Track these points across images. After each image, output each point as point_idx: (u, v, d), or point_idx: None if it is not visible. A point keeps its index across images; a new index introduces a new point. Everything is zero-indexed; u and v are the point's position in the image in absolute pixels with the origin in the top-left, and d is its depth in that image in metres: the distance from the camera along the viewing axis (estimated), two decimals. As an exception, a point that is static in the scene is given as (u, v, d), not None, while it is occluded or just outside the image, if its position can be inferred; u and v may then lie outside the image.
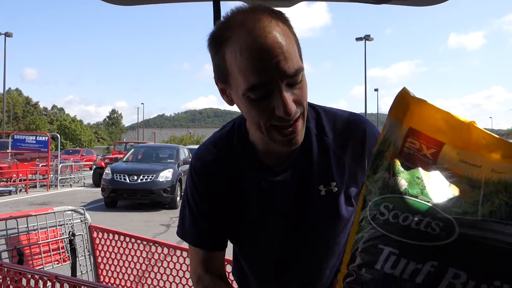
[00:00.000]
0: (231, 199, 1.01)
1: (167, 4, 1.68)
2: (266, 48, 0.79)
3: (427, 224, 0.69)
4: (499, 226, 0.66)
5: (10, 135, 17.21)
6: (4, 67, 29.11)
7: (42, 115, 79.39)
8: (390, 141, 0.78)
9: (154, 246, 2.18)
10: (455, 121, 0.74)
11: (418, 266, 0.67)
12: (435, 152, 0.74)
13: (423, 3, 1.61)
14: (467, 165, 0.72)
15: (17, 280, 1.43)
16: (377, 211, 0.73)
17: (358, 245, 0.74)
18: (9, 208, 9.46)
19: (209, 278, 1.05)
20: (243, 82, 0.82)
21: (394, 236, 0.70)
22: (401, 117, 0.77)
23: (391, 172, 0.75)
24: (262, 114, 0.84)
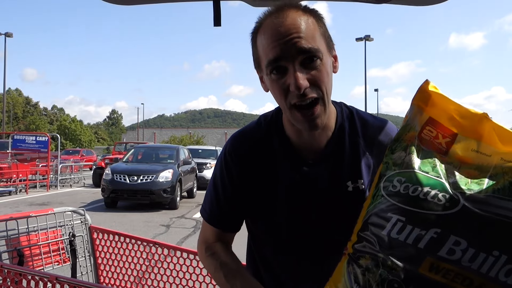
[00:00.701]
0: (262, 186, 1.06)
1: (167, 4, 1.68)
2: (283, 27, 0.90)
3: (434, 195, 0.73)
4: (501, 201, 0.70)
5: (10, 135, 17.19)
6: (4, 67, 29.12)
7: (42, 115, 79.39)
8: (411, 126, 0.85)
9: (154, 247, 2.18)
10: (468, 114, 0.80)
11: (422, 233, 0.72)
12: (449, 142, 0.80)
13: (423, 2, 1.60)
14: (478, 154, 0.77)
15: (17, 281, 1.42)
16: (391, 184, 0.79)
17: (370, 215, 0.80)
18: (9, 209, 9.45)
19: (219, 245, 1.10)
20: (265, 58, 0.93)
21: (402, 205, 0.75)
22: (423, 106, 0.84)
23: (407, 151, 0.81)
24: (281, 92, 0.92)
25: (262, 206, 1.07)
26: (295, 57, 0.89)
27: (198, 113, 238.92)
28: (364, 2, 1.55)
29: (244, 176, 1.06)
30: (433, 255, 0.70)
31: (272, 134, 1.07)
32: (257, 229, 1.13)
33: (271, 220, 1.07)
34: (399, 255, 0.73)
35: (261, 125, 1.10)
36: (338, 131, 1.04)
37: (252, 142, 1.08)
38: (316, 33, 0.92)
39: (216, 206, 1.10)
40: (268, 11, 0.96)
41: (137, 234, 2.38)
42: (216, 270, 1.05)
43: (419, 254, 0.71)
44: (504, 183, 0.72)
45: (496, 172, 0.74)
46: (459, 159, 0.78)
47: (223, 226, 1.12)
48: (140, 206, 10.08)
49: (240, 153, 1.07)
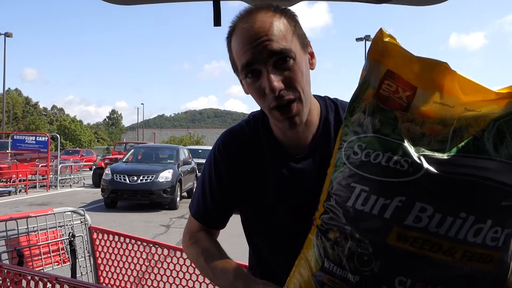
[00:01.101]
0: (251, 184, 1.07)
1: (167, 4, 1.67)
2: (252, 30, 0.90)
3: (396, 161, 0.70)
4: (465, 160, 0.68)
5: (9, 135, 17.19)
6: (4, 67, 29.12)
7: (42, 116, 79.38)
8: (368, 82, 0.79)
9: (154, 247, 2.18)
10: (428, 64, 0.75)
11: (386, 202, 0.70)
12: (410, 95, 0.75)
13: (424, 2, 1.60)
14: (440, 106, 0.73)
15: (17, 282, 1.42)
16: (351, 150, 0.76)
17: (333, 185, 0.77)
18: (9, 209, 9.45)
19: (203, 233, 1.13)
20: (239, 63, 0.93)
21: (365, 174, 0.72)
22: (379, 58, 0.78)
23: (366, 112, 0.76)
24: (258, 95, 0.93)
25: (252, 204, 1.09)
26: (267, 59, 0.89)
27: (198, 113, 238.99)
28: (364, 2, 1.55)
29: (233, 174, 1.08)
30: (399, 225, 0.68)
31: (260, 133, 1.08)
32: (250, 225, 1.15)
33: (262, 218, 1.08)
34: (366, 227, 0.71)
35: (250, 124, 1.11)
36: (323, 125, 1.05)
37: (242, 141, 1.09)
38: (287, 33, 0.91)
39: (203, 204, 1.12)
40: (239, 15, 0.96)
41: (137, 234, 2.38)
42: (197, 256, 1.07)
43: (386, 224, 0.69)
44: (468, 139, 0.69)
45: (460, 124, 0.71)
46: (421, 114, 0.74)
47: (208, 223, 1.14)
48: (140, 206, 10.08)
49: (230, 152, 1.09)
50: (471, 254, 0.68)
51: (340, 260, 0.74)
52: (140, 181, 9.70)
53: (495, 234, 0.68)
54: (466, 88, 0.73)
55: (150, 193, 9.66)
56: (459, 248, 0.68)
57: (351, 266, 0.72)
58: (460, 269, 0.69)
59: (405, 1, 1.58)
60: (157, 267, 2.16)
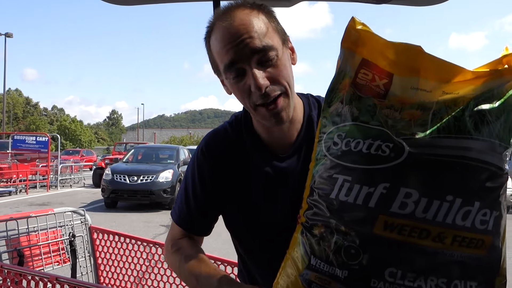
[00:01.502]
0: (235, 184, 1.05)
1: (167, 4, 1.68)
2: (233, 29, 0.88)
3: (377, 147, 0.69)
4: (447, 140, 0.67)
5: (10, 135, 17.20)
6: (4, 67, 29.14)
7: (42, 116, 79.40)
8: (344, 72, 0.77)
9: (154, 247, 2.18)
10: (402, 49, 0.73)
11: (370, 190, 0.68)
12: (387, 83, 0.74)
13: (423, 3, 1.61)
14: (418, 91, 0.71)
15: (17, 282, 1.42)
16: (331, 141, 0.74)
17: (315, 179, 0.76)
18: (9, 209, 9.45)
19: (185, 240, 1.09)
20: (220, 63, 0.92)
21: (347, 163, 0.71)
22: (353, 48, 0.76)
23: (343, 102, 0.75)
24: (243, 94, 0.91)
25: (237, 206, 1.06)
26: (250, 57, 0.88)
27: (198, 113, 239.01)
28: (364, 2, 1.55)
29: (218, 176, 1.05)
30: (385, 212, 0.66)
31: (243, 134, 1.06)
32: (235, 229, 1.11)
33: (248, 220, 1.06)
34: (351, 218, 0.69)
35: (233, 125, 1.09)
36: (307, 122, 1.03)
37: (225, 142, 1.07)
38: (267, 29, 0.90)
39: (186, 209, 1.09)
40: (217, 14, 0.94)
41: (137, 234, 2.38)
42: (180, 263, 1.04)
43: (371, 214, 0.67)
44: (449, 119, 0.67)
45: (439, 107, 0.69)
46: (399, 101, 0.72)
47: (192, 229, 1.11)
48: (140, 206, 10.08)
49: (214, 154, 1.06)
50: (461, 239, 0.66)
51: (326, 256, 0.71)
52: (140, 181, 9.71)
53: (484, 217, 0.66)
54: (442, 71, 0.71)
55: (150, 193, 9.67)
56: (448, 233, 0.66)
57: (339, 260, 0.70)
58: (451, 255, 0.67)
59: (404, 1, 1.58)
60: (157, 267, 2.16)
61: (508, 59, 0.70)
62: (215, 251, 1.36)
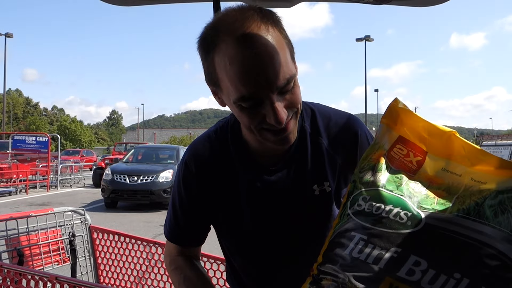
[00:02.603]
0: (223, 197, 1.01)
1: (167, 4, 1.68)
2: (255, 60, 0.77)
3: (397, 213, 0.73)
4: (464, 221, 0.68)
5: (10, 135, 17.19)
6: (4, 68, 29.15)
7: (42, 116, 79.40)
8: (380, 145, 0.83)
9: (154, 246, 2.18)
10: (437, 131, 0.79)
11: (382, 252, 0.70)
12: (420, 161, 0.79)
13: (423, 3, 1.60)
14: (447, 174, 0.76)
15: (17, 281, 1.42)
16: (356, 202, 0.78)
17: (335, 235, 0.79)
18: (9, 209, 9.45)
19: (182, 260, 1.08)
20: (233, 92, 0.80)
21: (365, 223, 0.75)
22: (392, 125, 0.83)
23: (374, 170, 0.80)
24: (253, 120, 0.84)
25: (225, 218, 1.03)
26: (273, 91, 0.79)
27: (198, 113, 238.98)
28: (364, 3, 1.55)
29: (204, 189, 1.01)
30: (392, 275, 0.68)
31: (229, 144, 1.01)
32: (225, 241, 1.09)
33: (237, 233, 1.03)
34: (359, 275, 0.71)
35: (218, 134, 1.03)
36: (300, 133, 0.98)
37: (209, 153, 1.01)
38: (285, 52, 0.81)
39: (175, 223, 1.06)
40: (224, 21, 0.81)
41: (137, 234, 2.38)
42: (179, 286, 1.02)
43: (379, 274, 0.69)
44: (470, 203, 0.70)
45: (464, 194, 0.72)
46: (428, 179, 0.77)
47: (183, 243, 1.09)
48: (140, 206, 10.08)
49: (198, 166, 1.01)
50: None
51: None
52: (140, 181, 9.71)
53: None
54: (473, 157, 0.75)
55: (150, 193, 9.67)
56: None
57: None
58: None
59: (404, 1, 1.58)
60: (157, 267, 2.16)
61: None
62: (215, 250, 1.36)
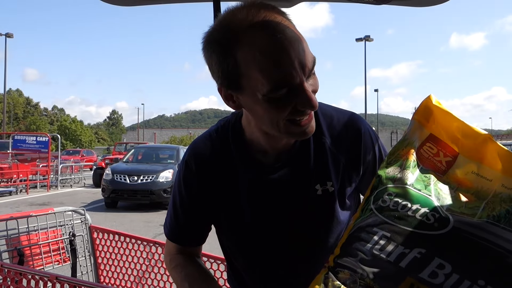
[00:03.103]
0: (224, 196, 1.00)
1: (167, 4, 1.68)
2: (288, 44, 0.77)
3: (424, 213, 0.70)
4: (495, 228, 0.66)
5: (10, 135, 17.20)
6: (5, 68, 29.16)
7: (43, 116, 79.41)
8: (410, 141, 0.81)
9: (154, 246, 2.18)
10: (472, 133, 0.76)
11: (405, 251, 0.68)
12: (450, 161, 0.76)
13: (423, 3, 1.60)
14: (478, 177, 0.73)
15: (18, 281, 1.42)
16: (381, 198, 0.76)
17: (356, 229, 0.76)
18: (10, 209, 9.45)
19: (182, 257, 1.07)
20: (266, 83, 0.78)
21: (390, 221, 0.72)
22: (424, 122, 0.81)
23: (402, 167, 0.78)
24: (283, 111, 0.81)
25: (226, 217, 1.02)
26: (305, 75, 0.79)
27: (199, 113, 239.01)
28: (363, 3, 1.55)
29: (204, 188, 1.01)
30: (414, 276, 0.66)
31: (230, 141, 1.00)
32: (226, 240, 1.08)
33: (238, 232, 1.03)
34: (379, 272, 0.69)
35: (219, 133, 1.03)
36: None
37: (210, 152, 1.01)
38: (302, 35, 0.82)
39: (175, 222, 1.06)
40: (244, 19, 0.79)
41: (137, 234, 2.38)
42: (181, 283, 1.01)
43: (400, 273, 0.67)
44: (501, 210, 0.68)
45: (494, 200, 0.70)
46: (457, 181, 0.74)
47: (183, 242, 1.08)
48: (140, 206, 10.08)
49: (199, 165, 1.01)
50: None
51: None
52: (140, 181, 9.71)
53: None
54: (506, 162, 0.72)
55: (150, 193, 9.67)
56: None
57: None
58: None
59: (404, 1, 1.58)
60: (157, 267, 2.16)
61: None
62: (215, 250, 1.36)
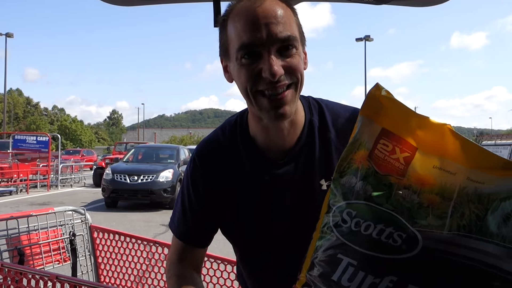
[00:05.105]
0: (231, 193, 1.01)
1: (167, 4, 1.68)
2: (260, 11, 0.84)
3: (389, 234, 0.64)
4: (466, 240, 0.61)
5: (10, 135, 17.20)
6: (5, 67, 29.15)
7: (43, 116, 79.42)
8: (361, 141, 0.72)
9: (155, 246, 2.18)
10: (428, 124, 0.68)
11: (376, 281, 0.63)
12: (408, 157, 0.68)
13: (424, 3, 1.60)
14: (441, 172, 0.66)
15: (18, 280, 1.43)
16: (340, 217, 0.69)
17: (318, 253, 0.70)
18: (10, 208, 9.45)
19: (181, 267, 1.06)
20: (236, 42, 0.86)
21: (354, 246, 0.66)
22: (373, 116, 0.72)
23: (358, 177, 0.69)
24: (249, 78, 0.86)
25: (232, 214, 1.03)
26: (272, 43, 0.83)
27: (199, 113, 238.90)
28: (364, 3, 1.55)
29: (211, 187, 1.02)
30: None
31: (238, 139, 1.02)
32: (232, 239, 1.08)
33: (244, 229, 1.02)
34: None
35: (226, 131, 1.05)
36: (308, 127, 0.98)
37: (218, 150, 1.03)
38: (293, 21, 0.87)
39: (183, 220, 1.06)
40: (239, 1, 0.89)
41: (138, 233, 2.38)
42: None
43: None
44: (470, 217, 0.62)
45: (461, 200, 0.63)
46: (419, 179, 0.66)
47: (189, 240, 1.06)
48: (140, 206, 10.08)
49: (208, 163, 1.03)
50: None
51: None
52: (140, 181, 9.71)
53: None
54: (470, 155, 0.65)
55: (150, 193, 9.67)
56: None
57: None
58: None
59: (404, 1, 1.58)
60: (157, 266, 2.16)
61: None
62: (216, 250, 1.36)
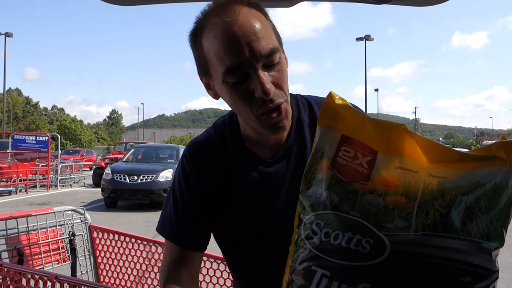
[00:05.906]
0: (223, 192, 1.00)
1: (167, 4, 1.68)
2: (238, 29, 0.81)
3: (358, 242, 0.64)
4: (433, 239, 0.62)
5: (10, 135, 17.19)
6: (4, 67, 29.15)
7: (42, 115, 79.41)
8: (322, 151, 0.73)
9: (154, 246, 2.18)
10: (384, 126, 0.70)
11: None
12: (370, 160, 0.69)
13: (424, 3, 1.60)
14: (403, 171, 0.67)
15: (17, 280, 1.42)
16: (310, 229, 0.69)
17: (295, 266, 0.71)
18: (9, 208, 9.45)
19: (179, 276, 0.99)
20: (220, 65, 0.83)
21: (325, 256, 0.66)
22: (332, 124, 0.73)
23: (323, 187, 0.70)
24: (244, 101, 0.85)
25: (226, 214, 1.01)
26: (257, 60, 0.81)
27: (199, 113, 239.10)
28: (364, 2, 1.55)
29: (203, 185, 1.01)
30: None
31: (228, 139, 1.02)
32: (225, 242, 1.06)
33: (236, 226, 1.01)
34: None
35: (217, 131, 1.04)
36: (297, 124, 0.98)
37: (209, 149, 1.02)
38: (268, 28, 0.85)
39: (175, 219, 1.02)
40: (211, 8, 0.86)
41: (137, 233, 2.38)
42: None
43: None
44: (435, 216, 0.63)
45: (425, 198, 0.64)
46: (383, 181, 0.67)
47: (185, 242, 1.01)
48: (140, 206, 10.08)
49: (198, 162, 1.02)
50: None
51: None
52: (140, 181, 9.70)
53: None
54: (428, 151, 0.67)
55: (150, 193, 9.66)
56: None
57: None
58: None
59: (404, 1, 1.58)
60: (157, 266, 2.16)
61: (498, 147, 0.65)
62: (216, 250, 1.36)
